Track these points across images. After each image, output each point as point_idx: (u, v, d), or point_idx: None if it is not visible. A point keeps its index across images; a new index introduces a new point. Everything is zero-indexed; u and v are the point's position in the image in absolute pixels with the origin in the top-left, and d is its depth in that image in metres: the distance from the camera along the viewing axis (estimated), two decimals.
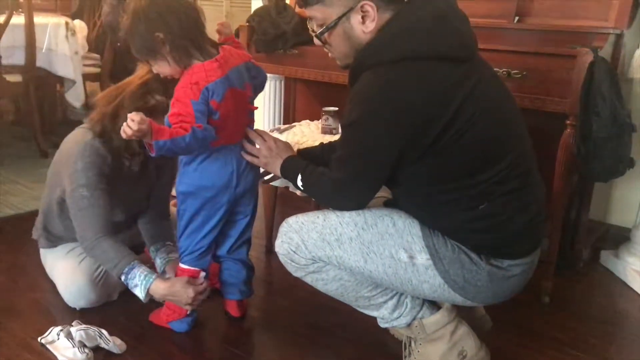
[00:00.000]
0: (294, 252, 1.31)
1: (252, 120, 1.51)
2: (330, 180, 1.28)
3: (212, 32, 1.46)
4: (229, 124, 1.39)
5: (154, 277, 1.48)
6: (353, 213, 1.29)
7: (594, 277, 2.05)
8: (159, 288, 1.47)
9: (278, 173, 1.45)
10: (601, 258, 2.12)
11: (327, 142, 1.60)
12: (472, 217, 1.22)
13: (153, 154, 1.27)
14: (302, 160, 1.41)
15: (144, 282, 1.46)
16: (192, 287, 1.48)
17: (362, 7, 1.19)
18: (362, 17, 1.21)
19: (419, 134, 1.16)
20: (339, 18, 1.22)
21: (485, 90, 1.21)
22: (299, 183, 1.36)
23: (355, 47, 1.24)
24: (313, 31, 1.30)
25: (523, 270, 1.29)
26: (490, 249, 1.25)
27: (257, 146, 1.46)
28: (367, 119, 1.18)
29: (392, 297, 1.36)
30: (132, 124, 1.18)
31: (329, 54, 1.34)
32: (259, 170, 1.57)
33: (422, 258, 1.25)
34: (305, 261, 1.31)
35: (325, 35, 1.26)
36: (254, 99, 1.53)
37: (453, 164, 1.20)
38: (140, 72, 1.49)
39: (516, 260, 1.26)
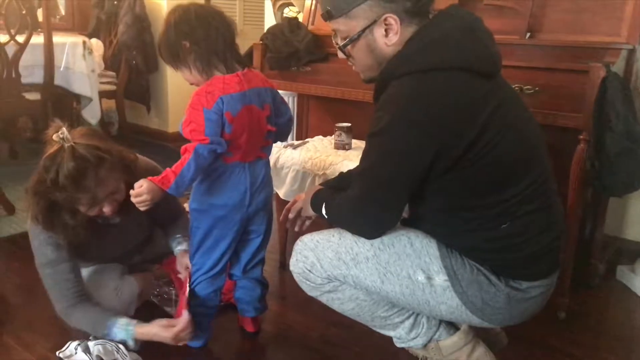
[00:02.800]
0: (309, 271, 1.30)
1: (269, 142, 1.51)
2: (349, 199, 1.22)
3: None
4: (243, 140, 1.40)
5: (132, 326, 1.48)
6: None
7: (610, 293, 2.03)
8: (141, 335, 1.48)
9: (313, 213, 1.41)
10: (617, 273, 2.10)
11: (346, 171, 1.59)
12: (493, 237, 1.20)
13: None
14: (327, 190, 1.40)
15: (127, 335, 1.48)
16: (169, 330, 1.47)
17: (385, 20, 1.19)
18: (386, 30, 1.20)
19: (447, 145, 1.13)
20: (362, 30, 1.21)
21: (510, 108, 1.20)
22: (324, 212, 1.33)
23: (379, 60, 1.24)
24: (337, 44, 1.29)
25: (541, 292, 1.26)
26: (509, 270, 1.23)
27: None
28: (395, 126, 1.14)
29: (408, 317, 1.35)
30: (138, 202, 1.30)
31: (353, 67, 1.33)
32: (272, 189, 1.58)
33: (440, 279, 1.22)
34: (320, 280, 1.30)
35: (349, 47, 1.25)
36: (279, 127, 1.52)
37: (478, 179, 1.16)
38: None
39: (535, 282, 1.24)
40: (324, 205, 1.33)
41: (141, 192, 1.29)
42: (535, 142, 1.25)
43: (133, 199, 1.30)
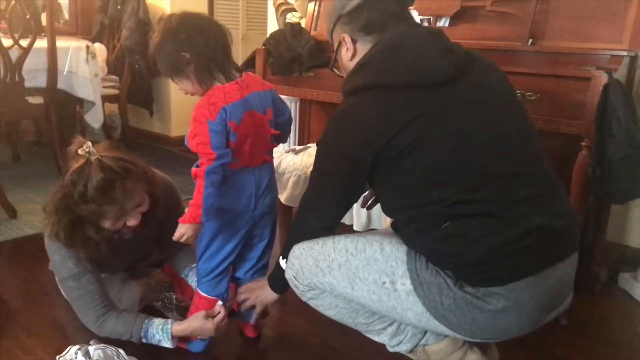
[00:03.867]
0: (295, 277, 1.37)
1: (273, 145, 1.52)
2: (299, 207, 1.40)
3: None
4: (247, 146, 1.41)
5: (169, 325, 1.50)
6: (348, 239, 1.32)
7: (612, 300, 2.02)
8: (180, 332, 1.50)
9: (273, 293, 1.53)
10: (619, 280, 2.10)
11: None
12: (438, 236, 1.19)
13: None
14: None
15: (164, 334, 1.49)
16: (210, 321, 1.50)
17: (343, 38, 1.34)
18: (346, 49, 1.34)
19: (359, 154, 1.23)
20: (336, 51, 1.38)
21: (445, 117, 1.19)
22: (282, 264, 1.43)
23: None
24: (330, 68, 1.48)
25: (507, 307, 1.17)
26: (461, 274, 1.19)
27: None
28: (326, 141, 1.31)
29: (391, 324, 1.37)
30: (185, 241, 1.39)
31: None
32: (277, 192, 1.59)
33: (404, 283, 1.23)
34: (302, 287, 1.36)
35: (337, 66, 1.43)
36: (280, 127, 1.52)
37: (401, 182, 1.22)
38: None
39: (489, 287, 1.17)
40: (280, 259, 1.45)
41: (182, 234, 1.38)
42: (473, 147, 1.20)
43: (179, 239, 1.39)
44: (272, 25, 3.05)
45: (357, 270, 1.28)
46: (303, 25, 2.48)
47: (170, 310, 1.74)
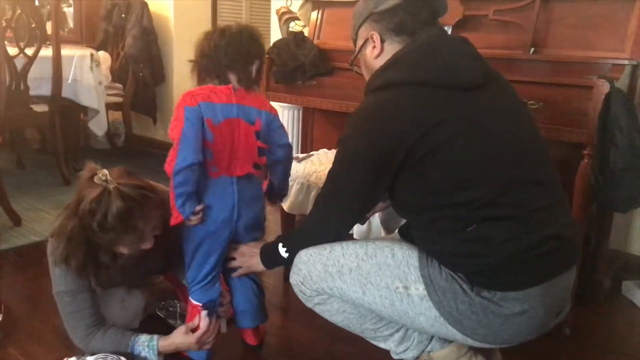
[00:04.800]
0: (302, 283, 1.36)
1: (261, 160, 1.48)
2: (315, 203, 1.37)
3: None
4: (227, 153, 1.41)
5: (155, 341, 1.50)
6: (357, 245, 1.32)
7: (616, 309, 2.02)
8: (165, 347, 1.50)
9: (260, 266, 1.50)
10: (623, 289, 2.09)
11: None
12: (461, 240, 1.21)
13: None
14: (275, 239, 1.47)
15: (150, 350, 1.49)
16: (191, 335, 1.49)
17: (371, 36, 1.35)
18: (373, 47, 1.36)
19: (390, 150, 1.22)
20: (360, 48, 1.40)
21: (476, 119, 1.22)
22: (282, 250, 1.41)
23: (370, 72, 1.38)
24: (349, 63, 1.49)
25: (523, 311, 1.19)
26: (480, 277, 1.21)
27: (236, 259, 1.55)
28: (348, 137, 1.29)
29: (397, 330, 1.37)
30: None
31: None
32: (263, 207, 1.57)
33: (417, 288, 1.24)
34: (310, 292, 1.35)
35: (356, 65, 1.44)
36: (275, 157, 1.53)
37: (429, 181, 1.22)
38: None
39: (507, 292, 1.19)
40: (279, 245, 1.41)
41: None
42: (499, 151, 1.23)
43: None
44: (276, 34, 3.07)
45: (368, 275, 1.28)
46: (306, 34, 2.50)
47: (174, 318, 1.75)
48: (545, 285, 1.21)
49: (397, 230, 1.54)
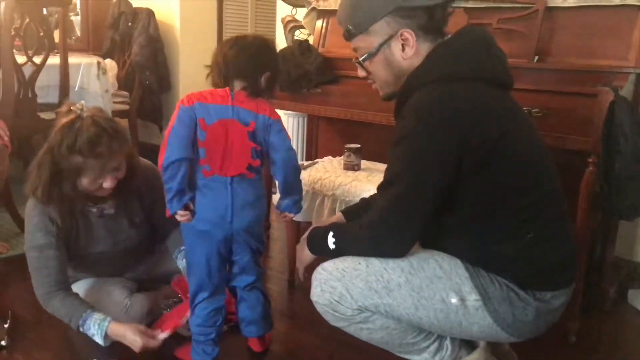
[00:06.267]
0: (338, 302, 1.25)
1: (255, 162, 1.47)
2: (375, 211, 1.22)
3: None
4: (219, 152, 1.43)
5: (106, 323, 1.52)
6: (376, 255, 1.25)
7: (622, 317, 2.01)
8: (114, 332, 1.52)
9: (308, 254, 1.40)
10: (629, 297, 2.09)
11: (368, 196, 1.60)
12: (519, 246, 1.22)
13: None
14: (326, 226, 1.38)
15: (99, 330, 1.52)
16: (141, 337, 1.50)
17: (402, 34, 1.25)
18: (402, 45, 1.26)
19: (470, 147, 1.15)
20: (381, 45, 1.27)
21: (523, 119, 1.27)
22: (330, 241, 1.30)
23: (396, 74, 1.30)
24: (357, 60, 1.34)
25: (562, 303, 1.28)
26: (533, 281, 1.23)
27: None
28: (420, 130, 1.17)
29: (434, 341, 1.33)
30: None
31: (372, 86, 1.38)
32: (262, 211, 1.55)
33: (473, 299, 1.22)
34: (351, 312, 1.25)
35: (367, 63, 1.31)
36: (275, 168, 1.51)
37: (502, 182, 1.19)
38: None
39: (556, 291, 1.25)
40: (330, 235, 1.31)
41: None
42: (543, 154, 1.29)
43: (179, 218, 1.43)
44: (281, 42, 3.09)
45: (420, 290, 1.22)
46: (311, 42, 2.51)
47: None
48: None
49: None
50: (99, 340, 1.52)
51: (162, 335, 1.54)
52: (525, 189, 1.21)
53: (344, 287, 1.24)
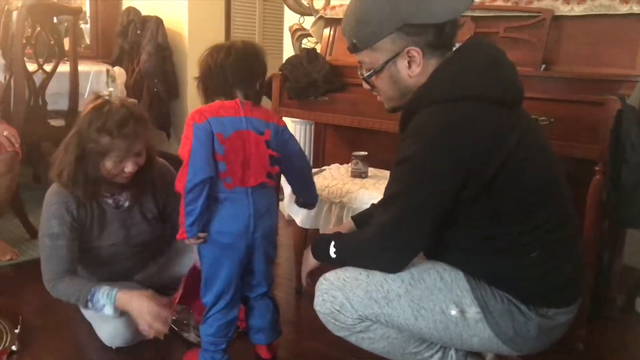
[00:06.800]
0: (339, 311, 1.26)
1: (273, 169, 1.49)
2: (374, 227, 1.23)
3: None
4: (239, 164, 1.43)
5: (114, 292, 1.55)
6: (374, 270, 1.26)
7: (629, 325, 2.00)
8: (122, 300, 1.54)
9: (312, 260, 1.41)
10: (636, 305, 2.08)
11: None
12: (522, 265, 1.21)
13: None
14: (331, 234, 1.38)
15: (108, 299, 1.54)
16: (151, 304, 1.52)
17: (408, 52, 1.22)
18: (409, 62, 1.24)
19: (474, 172, 1.15)
20: (386, 62, 1.25)
21: (531, 138, 1.23)
22: (332, 250, 1.31)
23: (401, 90, 1.28)
24: (361, 75, 1.34)
25: (567, 319, 1.28)
26: (537, 298, 1.23)
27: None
28: (424, 153, 1.17)
29: (437, 351, 1.33)
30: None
31: (377, 98, 1.37)
32: (277, 217, 1.57)
33: (473, 312, 1.21)
34: (352, 321, 1.26)
35: (373, 78, 1.30)
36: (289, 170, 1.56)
37: (506, 207, 1.18)
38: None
39: (560, 308, 1.25)
40: (332, 244, 1.32)
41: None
42: (554, 171, 1.28)
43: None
44: (288, 51, 3.11)
45: (420, 301, 1.22)
46: (318, 50, 2.53)
47: (187, 331, 1.76)
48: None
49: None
50: (109, 310, 1.54)
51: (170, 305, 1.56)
52: (532, 210, 1.20)
53: (345, 296, 1.25)
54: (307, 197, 1.69)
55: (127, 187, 1.72)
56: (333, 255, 1.32)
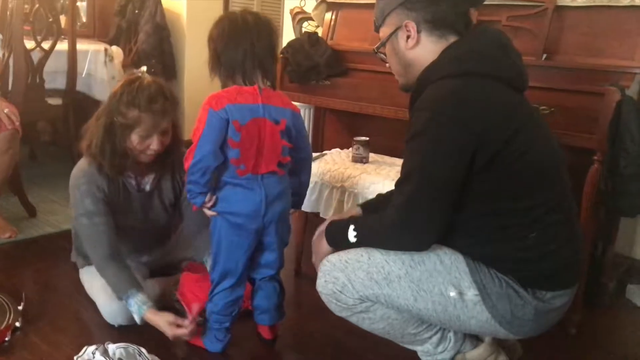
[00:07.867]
0: (340, 291, 1.30)
1: (285, 159, 1.51)
2: (394, 207, 1.23)
3: None
4: (252, 152, 1.45)
5: (145, 307, 1.58)
6: (398, 250, 1.28)
7: (620, 311, 2.06)
8: (149, 320, 1.58)
9: (326, 247, 1.40)
10: (627, 292, 2.13)
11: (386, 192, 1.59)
12: (522, 246, 1.24)
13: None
14: (344, 219, 1.40)
15: (139, 311, 1.58)
16: (172, 330, 1.54)
17: (406, 25, 1.31)
18: (407, 36, 1.32)
19: (484, 143, 1.17)
20: (389, 36, 1.35)
21: (538, 123, 1.29)
22: (351, 234, 1.32)
23: (402, 63, 1.36)
24: (374, 51, 1.43)
25: (564, 303, 1.30)
26: (534, 280, 1.26)
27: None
28: (436, 125, 1.18)
29: (436, 332, 1.36)
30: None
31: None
32: (289, 203, 1.59)
33: (471, 294, 1.24)
34: (353, 301, 1.29)
35: (382, 51, 1.40)
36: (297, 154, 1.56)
37: (512, 180, 1.21)
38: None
39: (557, 291, 1.28)
40: (350, 229, 1.32)
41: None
42: (556, 158, 1.31)
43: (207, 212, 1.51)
44: (289, 34, 3.10)
45: (419, 282, 1.25)
46: (319, 34, 2.53)
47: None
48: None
49: None
50: (136, 318, 1.60)
51: (190, 325, 1.56)
52: (532, 190, 1.23)
53: (347, 277, 1.29)
54: (299, 198, 1.68)
55: (150, 170, 1.74)
56: (353, 240, 1.32)
